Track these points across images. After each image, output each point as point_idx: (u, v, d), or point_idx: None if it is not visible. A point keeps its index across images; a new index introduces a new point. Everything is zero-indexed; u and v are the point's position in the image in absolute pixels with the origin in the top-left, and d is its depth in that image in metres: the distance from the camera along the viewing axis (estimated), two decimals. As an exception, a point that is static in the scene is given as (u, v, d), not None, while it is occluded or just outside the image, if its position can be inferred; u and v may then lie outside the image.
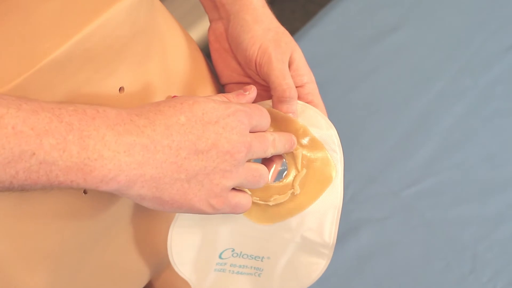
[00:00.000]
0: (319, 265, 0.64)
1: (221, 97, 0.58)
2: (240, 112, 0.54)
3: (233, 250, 0.64)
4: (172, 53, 0.65)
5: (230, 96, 0.59)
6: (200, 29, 0.70)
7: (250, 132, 0.55)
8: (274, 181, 0.63)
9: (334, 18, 1.33)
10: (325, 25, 1.32)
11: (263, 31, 0.64)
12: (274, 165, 0.64)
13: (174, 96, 0.63)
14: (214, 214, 0.55)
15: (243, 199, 0.56)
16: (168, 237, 0.63)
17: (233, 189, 0.56)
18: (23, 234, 0.56)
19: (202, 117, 0.52)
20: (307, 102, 0.66)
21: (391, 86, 1.26)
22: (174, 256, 0.63)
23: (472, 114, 1.22)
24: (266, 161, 0.64)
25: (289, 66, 0.65)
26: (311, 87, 0.67)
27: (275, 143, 0.58)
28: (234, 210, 0.56)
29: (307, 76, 0.66)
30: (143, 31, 0.58)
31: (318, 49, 1.29)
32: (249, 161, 0.57)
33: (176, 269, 0.64)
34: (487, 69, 1.26)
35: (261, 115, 0.57)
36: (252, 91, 0.61)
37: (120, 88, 0.57)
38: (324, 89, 0.92)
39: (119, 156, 0.48)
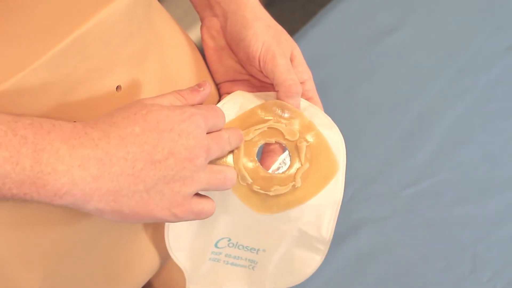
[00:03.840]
0: (313, 261, 0.65)
1: (175, 95, 0.57)
2: (195, 115, 0.53)
3: (230, 239, 0.64)
4: (170, 52, 0.65)
5: (184, 92, 0.58)
6: (200, 29, 0.71)
7: (207, 133, 0.55)
8: (277, 172, 0.63)
9: (334, 18, 1.33)
10: (325, 25, 1.32)
11: (264, 28, 0.64)
12: (283, 157, 0.64)
13: (171, 95, 0.63)
14: (177, 222, 0.55)
15: (207, 205, 0.56)
16: (166, 223, 0.62)
17: (197, 195, 0.56)
18: (22, 235, 0.56)
19: (156, 126, 0.51)
20: (307, 99, 0.67)
21: (391, 86, 1.25)
22: (171, 241, 0.63)
23: (472, 114, 1.21)
24: (268, 153, 0.64)
25: (290, 62, 0.66)
26: (311, 84, 0.67)
27: (230, 140, 0.58)
28: (198, 217, 0.55)
29: (307, 73, 0.67)
30: (140, 30, 0.58)
31: (318, 49, 1.29)
32: (212, 163, 0.56)
33: (171, 255, 0.64)
34: (487, 69, 1.26)
35: (216, 115, 0.56)
36: (206, 87, 0.60)
37: (117, 86, 0.57)
38: (324, 89, 0.92)
39: (73, 169, 0.47)
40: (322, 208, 0.64)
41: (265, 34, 0.64)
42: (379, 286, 1.07)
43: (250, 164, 0.62)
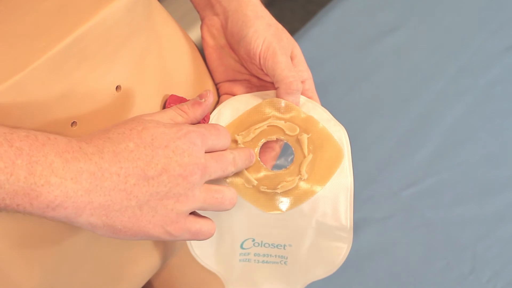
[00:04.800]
0: (341, 249, 0.65)
1: (176, 110, 0.57)
2: (192, 133, 0.53)
3: (254, 240, 0.64)
4: (170, 52, 0.65)
5: (186, 107, 0.58)
6: (200, 29, 0.71)
7: (206, 152, 0.54)
8: (281, 168, 0.63)
9: (334, 18, 1.33)
10: (325, 25, 1.32)
11: (265, 26, 0.64)
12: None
13: (172, 95, 0.63)
14: (174, 240, 0.54)
15: (205, 225, 0.55)
16: None
17: (195, 214, 0.55)
18: (22, 233, 0.56)
19: (151, 143, 0.51)
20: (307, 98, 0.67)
21: (391, 86, 1.26)
22: (195, 250, 0.63)
23: (472, 114, 1.22)
24: (264, 148, 0.64)
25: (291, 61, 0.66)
26: (310, 84, 0.67)
27: (235, 161, 0.57)
28: (196, 237, 0.55)
29: (307, 73, 0.67)
30: (140, 30, 0.58)
31: (318, 49, 1.29)
32: (210, 183, 0.55)
33: (201, 263, 0.64)
34: (487, 69, 1.26)
35: (218, 134, 0.56)
36: (208, 97, 0.59)
37: (117, 86, 0.57)
38: (324, 89, 0.93)
39: (66, 182, 0.47)
40: (335, 197, 0.63)
41: (266, 32, 0.64)
42: (379, 286, 1.07)
43: (254, 165, 0.62)
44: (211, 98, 0.59)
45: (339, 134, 0.64)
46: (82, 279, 0.63)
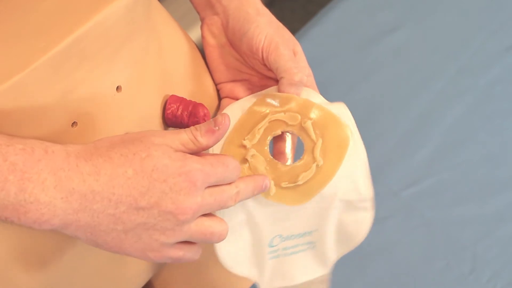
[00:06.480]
0: (365, 219, 0.65)
1: (189, 135, 0.55)
2: (194, 172, 0.52)
3: (281, 235, 0.64)
4: (170, 52, 0.65)
5: (199, 135, 0.55)
6: (200, 29, 0.71)
7: (210, 187, 0.54)
8: (294, 160, 0.63)
9: (334, 18, 1.33)
10: (325, 25, 1.32)
11: (267, 23, 0.65)
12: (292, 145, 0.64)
13: (172, 96, 0.63)
14: (153, 262, 0.54)
15: (188, 252, 0.55)
16: (215, 244, 0.62)
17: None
18: (20, 234, 0.56)
19: (150, 174, 0.51)
20: None
21: (391, 86, 1.26)
22: (227, 259, 0.63)
23: (472, 114, 1.22)
24: (276, 142, 0.64)
25: None
26: (311, 81, 0.68)
27: (238, 195, 0.56)
28: (176, 262, 0.55)
29: (308, 70, 0.67)
30: (140, 30, 0.58)
31: (318, 49, 1.29)
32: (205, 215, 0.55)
33: (233, 271, 0.64)
34: (487, 69, 1.26)
35: (224, 171, 0.55)
36: (223, 124, 0.56)
37: (118, 87, 0.57)
38: (324, 89, 0.92)
39: (55, 201, 0.48)
40: (353, 173, 0.63)
41: (268, 28, 0.64)
42: (379, 286, 1.07)
43: (269, 165, 0.62)
44: (228, 123, 0.57)
45: (340, 111, 0.65)
46: (82, 280, 0.63)
